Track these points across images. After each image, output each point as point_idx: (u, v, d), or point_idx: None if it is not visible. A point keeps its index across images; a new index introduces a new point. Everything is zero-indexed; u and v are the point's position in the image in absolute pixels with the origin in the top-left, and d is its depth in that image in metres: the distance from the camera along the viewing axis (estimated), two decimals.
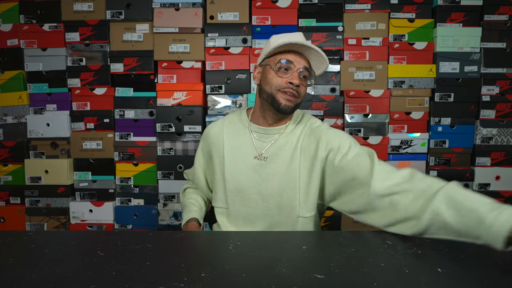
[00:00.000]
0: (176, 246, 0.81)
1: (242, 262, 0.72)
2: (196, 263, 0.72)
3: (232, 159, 1.14)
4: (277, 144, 1.12)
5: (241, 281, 0.64)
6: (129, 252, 0.77)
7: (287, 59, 1.06)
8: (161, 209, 2.06)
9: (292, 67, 1.07)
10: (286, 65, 1.06)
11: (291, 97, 1.06)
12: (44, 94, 2.06)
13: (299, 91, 1.07)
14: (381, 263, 0.72)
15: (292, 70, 1.07)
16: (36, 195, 2.07)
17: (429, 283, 0.63)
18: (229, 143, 1.16)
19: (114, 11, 1.99)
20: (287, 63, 1.06)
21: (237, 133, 1.17)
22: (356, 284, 0.64)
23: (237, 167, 1.13)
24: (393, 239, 0.87)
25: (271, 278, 0.65)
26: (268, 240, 0.87)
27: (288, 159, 1.09)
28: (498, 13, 1.96)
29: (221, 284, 0.63)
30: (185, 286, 0.62)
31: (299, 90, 1.07)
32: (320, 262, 0.72)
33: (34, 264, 0.71)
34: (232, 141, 1.16)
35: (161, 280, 0.64)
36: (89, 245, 0.82)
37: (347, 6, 1.98)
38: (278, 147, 1.11)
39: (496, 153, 2.01)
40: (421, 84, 1.99)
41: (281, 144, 1.11)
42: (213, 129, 1.22)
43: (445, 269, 0.68)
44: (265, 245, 0.82)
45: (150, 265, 0.70)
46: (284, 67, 1.07)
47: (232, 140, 1.16)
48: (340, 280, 0.65)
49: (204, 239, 0.88)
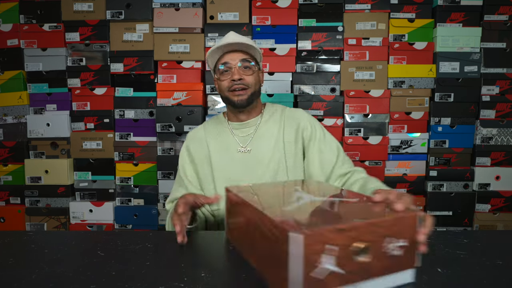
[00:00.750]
0: (176, 246, 0.81)
1: (242, 262, 0.72)
2: (196, 263, 0.72)
3: (218, 154, 1.21)
4: (257, 135, 1.21)
5: (241, 281, 0.64)
6: (129, 252, 0.77)
7: (222, 63, 1.16)
8: (161, 209, 2.06)
9: (230, 66, 1.15)
10: (224, 68, 1.16)
11: (239, 91, 1.15)
12: (44, 94, 2.06)
13: (246, 82, 1.15)
14: None
15: (231, 69, 1.15)
16: (36, 195, 2.07)
17: (429, 283, 0.63)
18: (213, 143, 1.23)
19: (114, 11, 1.99)
20: (224, 65, 1.16)
21: (219, 133, 1.25)
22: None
23: (223, 161, 1.19)
24: None
25: None
26: None
27: (272, 147, 1.18)
28: (498, 13, 1.96)
29: (221, 284, 0.63)
30: (185, 286, 0.62)
31: (246, 81, 1.15)
32: None
33: (34, 264, 0.71)
34: (215, 141, 1.23)
35: (161, 280, 0.64)
36: (89, 245, 0.82)
37: (347, 6, 1.98)
38: (259, 138, 1.20)
39: (496, 153, 2.01)
40: (421, 84, 1.99)
41: (260, 135, 1.20)
42: (195, 133, 1.28)
43: (445, 269, 0.68)
44: None
45: (150, 265, 0.70)
46: (224, 70, 1.16)
47: (215, 140, 1.23)
48: None
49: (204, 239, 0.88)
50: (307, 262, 0.52)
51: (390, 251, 0.58)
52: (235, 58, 1.15)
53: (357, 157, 2.01)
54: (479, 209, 2.03)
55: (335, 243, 0.53)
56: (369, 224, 0.56)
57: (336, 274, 0.54)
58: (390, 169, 2.04)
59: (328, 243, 0.53)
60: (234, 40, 1.13)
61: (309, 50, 2.01)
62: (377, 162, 2.01)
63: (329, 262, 0.53)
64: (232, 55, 1.15)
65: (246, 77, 1.15)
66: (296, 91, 2.01)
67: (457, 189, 2.03)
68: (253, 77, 1.17)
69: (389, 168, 2.04)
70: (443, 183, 2.02)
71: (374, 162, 2.02)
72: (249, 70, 1.16)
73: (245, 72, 1.15)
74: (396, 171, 2.04)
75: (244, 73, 1.15)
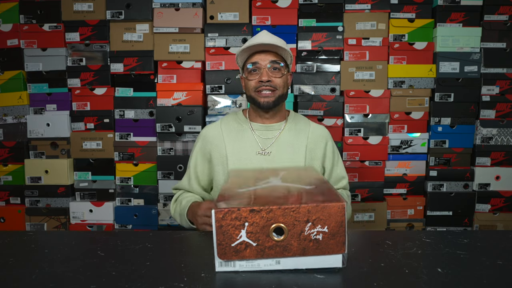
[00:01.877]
0: (176, 246, 0.81)
1: None
2: (196, 263, 0.72)
3: (235, 156, 1.19)
4: (281, 140, 1.21)
5: (241, 281, 0.64)
6: (129, 252, 0.77)
7: (252, 62, 1.15)
8: (161, 209, 2.06)
9: (259, 67, 1.14)
10: (253, 67, 1.15)
11: (267, 93, 1.15)
12: (44, 94, 2.06)
13: (274, 84, 1.15)
14: (382, 263, 0.72)
15: (260, 70, 1.14)
16: (36, 195, 2.07)
17: (429, 283, 0.63)
18: (230, 142, 1.21)
19: (114, 11, 1.99)
20: (253, 65, 1.15)
21: (238, 133, 1.23)
22: (356, 284, 0.64)
23: (241, 163, 1.18)
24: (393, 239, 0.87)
25: (271, 278, 0.65)
26: None
27: (294, 154, 1.20)
28: (498, 13, 1.96)
29: (221, 284, 0.63)
30: (185, 286, 0.62)
31: (274, 83, 1.15)
32: None
33: (34, 264, 0.71)
34: (233, 140, 1.21)
35: (161, 280, 0.64)
36: (89, 245, 0.82)
37: (347, 6, 1.98)
38: (282, 143, 1.20)
39: (496, 153, 2.01)
40: (421, 84, 1.99)
41: (284, 141, 1.21)
42: (211, 131, 1.26)
43: (445, 269, 0.68)
44: None
45: (150, 265, 0.71)
46: (252, 69, 1.15)
47: (233, 139, 1.21)
48: (340, 280, 0.65)
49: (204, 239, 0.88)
50: (221, 233, 0.65)
51: (311, 235, 0.66)
52: (265, 59, 1.14)
53: (357, 157, 2.01)
54: (479, 209, 2.03)
55: (251, 221, 0.65)
56: (284, 209, 0.65)
57: (252, 247, 0.65)
58: (390, 169, 2.04)
59: (244, 221, 0.65)
60: (266, 40, 1.12)
61: (309, 50, 2.00)
62: (377, 162, 2.01)
63: (245, 236, 0.65)
64: (262, 56, 1.14)
65: (275, 79, 1.14)
66: (296, 91, 2.01)
67: (457, 189, 2.03)
68: (282, 79, 1.16)
69: (389, 168, 2.04)
70: (443, 183, 2.02)
71: (374, 162, 2.02)
72: (278, 72, 1.15)
73: (274, 73, 1.14)
74: (396, 171, 2.04)
75: (273, 75, 1.14)
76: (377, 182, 2.03)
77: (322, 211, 0.65)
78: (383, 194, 2.05)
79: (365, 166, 2.02)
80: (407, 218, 2.06)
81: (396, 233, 0.90)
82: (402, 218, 2.06)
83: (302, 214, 0.65)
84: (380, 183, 2.03)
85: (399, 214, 2.05)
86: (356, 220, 2.03)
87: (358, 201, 2.04)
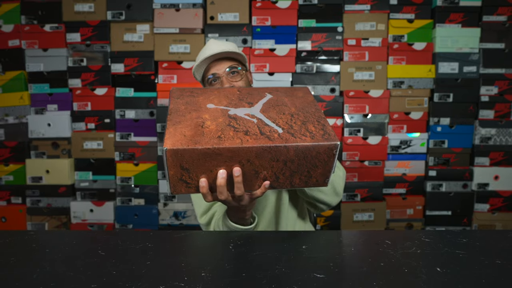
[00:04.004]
0: (177, 246, 0.81)
1: (242, 262, 0.72)
2: (196, 263, 0.72)
3: None
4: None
5: (241, 281, 0.65)
6: (129, 251, 0.78)
7: (210, 74, 1.15)
8: (161, 209, 2.06)
9: (218, 76, 1.14)
10: (213, 78, 1.14)
11: None
12: (45, 94, 2.06)
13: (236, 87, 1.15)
14: (381, 262, 0.72)
15: (220, 78, 1.14)
16: (37, 195, 2.08)
17: (429, 283, 0.63)
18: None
19: (115, 12, 2.00)
20: (212, 76, 1.14)
21: None
22: (356, 283, 0.64)
23: None
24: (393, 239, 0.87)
25: (271, 278, 0.65)
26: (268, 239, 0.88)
27: None
28: (497, 13, 1.97)
29: (221, 284, 0.64)
30: (185, 285, 0.62)
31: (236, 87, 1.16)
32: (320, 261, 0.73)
33: (35, 264, 0.72)
34: None
35: (162, 279, 0.65)
36: (90, 244, 0.83)
37: (346, 7, 1.99)
38: None
39: (495, 153, 2.02)
40: (420, 84, 2.00)
41: None
42: None
43: (444, 269, 0.68)
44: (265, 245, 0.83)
45: (151, 264, 0.71)
46: (213, 80, 1.15)
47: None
48: (340, 279, 0.65)
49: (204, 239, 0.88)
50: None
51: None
52: (221, 68, 1.14)
53: (357, 157, 2.01)
54: (478, 209, 2.03)
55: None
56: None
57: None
58: (389, 169, 2.05)
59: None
60: (217, 49, 1.12)
61: (309, 50, 2.01)
62: (377, 162, 2.02)
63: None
64: (217, 65, 1.14)
65: (236, 83, 1.15)
66: None
67: (456, 189, 2.04)
68: (243, 81, 1.17)
69: (389, 168, 2.05)
70: (442, 183, 2.03)
71: (373, 162, 2.02)
72: (238, 75, 1.15)
73: (234, 78, 1.15)
74: (395, 171, 2.05)
75: (233, 80, 1.14)
76: (377, 182, 2.03)
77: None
78: (383, 194, 2.06)
79: (365, 166, 2.03)
80: (407, 218, 2.06)
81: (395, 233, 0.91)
82: (401, 217, 2.06)
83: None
84: (380, 183, 2.04)
85: (398, 214, 2.06)
86: (355, 220, 2.04)
87: (358, 201, 2.04)
